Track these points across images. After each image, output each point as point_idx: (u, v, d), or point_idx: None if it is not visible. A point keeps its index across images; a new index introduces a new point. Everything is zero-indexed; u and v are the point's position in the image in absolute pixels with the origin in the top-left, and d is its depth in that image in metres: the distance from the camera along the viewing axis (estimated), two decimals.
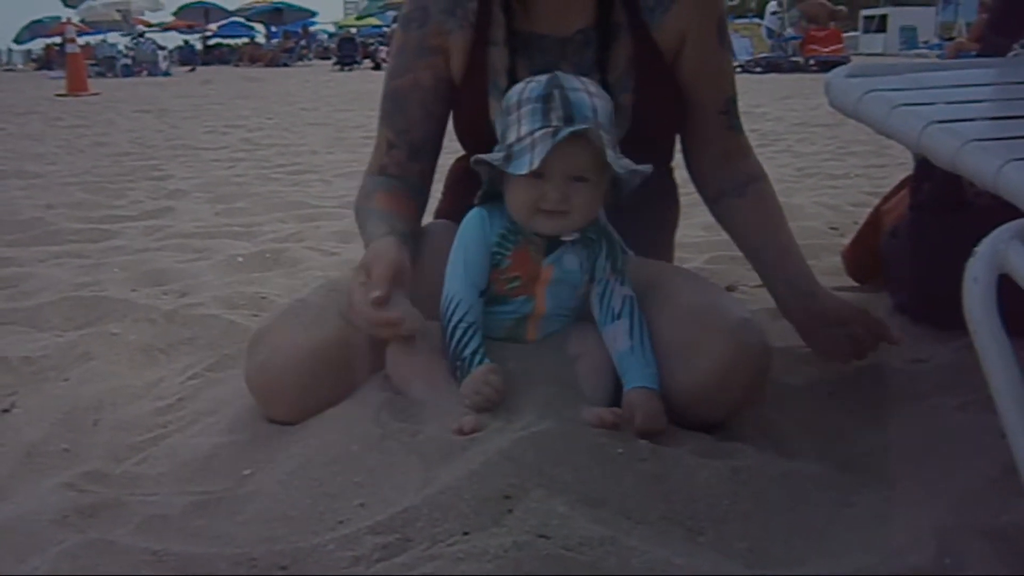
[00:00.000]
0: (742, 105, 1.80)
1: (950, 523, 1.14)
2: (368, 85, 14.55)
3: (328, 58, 31.32)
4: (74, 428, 1.61)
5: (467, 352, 1.39)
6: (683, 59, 1.67)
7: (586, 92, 1.39)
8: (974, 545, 1.08)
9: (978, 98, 1.37)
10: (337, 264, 2.80)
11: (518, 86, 1.44)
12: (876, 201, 2.61)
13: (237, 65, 29.89)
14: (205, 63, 30.40)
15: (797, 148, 5.88)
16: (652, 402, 1.37)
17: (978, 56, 1.97)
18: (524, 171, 1.33)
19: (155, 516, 1.24)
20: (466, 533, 1.07)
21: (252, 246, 3.14)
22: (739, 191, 1.76)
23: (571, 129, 1.32)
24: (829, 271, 2.53)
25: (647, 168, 1.41)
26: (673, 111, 1.71)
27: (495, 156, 1.39)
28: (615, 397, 1.42)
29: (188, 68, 26.61)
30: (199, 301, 2.37)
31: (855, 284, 2.45)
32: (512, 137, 1.38)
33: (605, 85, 1.54)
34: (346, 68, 24.88)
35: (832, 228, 3.22)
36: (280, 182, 4.85)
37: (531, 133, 1.35)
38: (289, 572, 1.06)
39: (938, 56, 18.57)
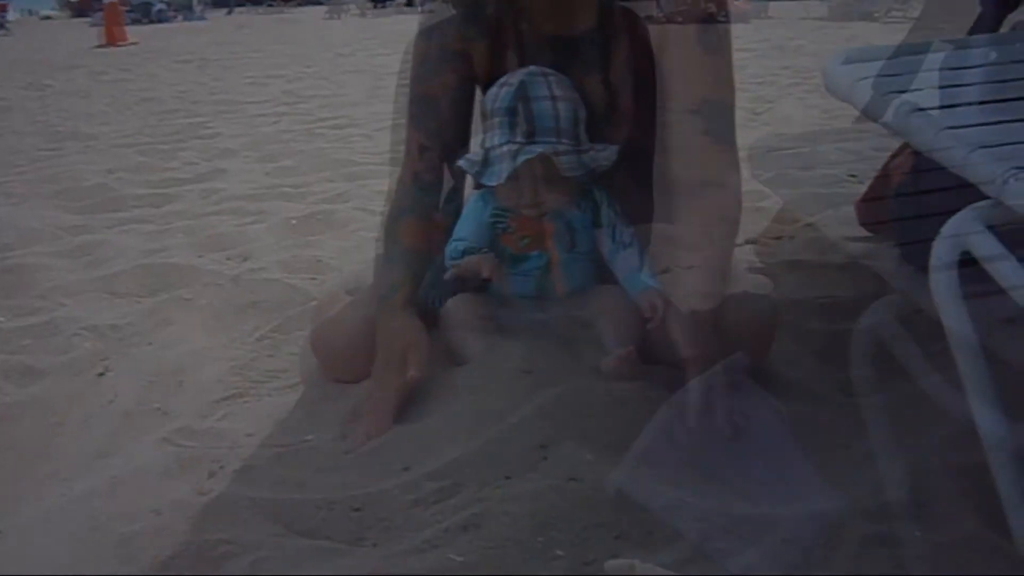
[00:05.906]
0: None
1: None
2: (400, 26, 14.54)
3: None
4: (162, 389, 1.81)
5: (461, 248, 1.62)
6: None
7: (551, 99, 1.59)
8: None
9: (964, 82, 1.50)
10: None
11: (492, 90, 1.64)
12: (895, 146, 2.72)
13: (272, 4, 29.81)
14: (239, 3, 30.33)
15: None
16: (662, 295, 1.54)
17: (972, 30, 2.06)
18: (495, 183, 1.58)
19: (244, 467, 1.45)
20: (508, 477, 1.27)
21: (303, 207, 3.31)
22: (690, 191, 1.58)
23: (527, 156, 1.55)
24: (847, 220, 2.66)
25: (611, 150, 1.62)
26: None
27: (474, 164, 1.62)
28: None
29: (226, 11, 26.59)
30: (261, 266, 2.57)
31: (867, 234, 2.57)
32: (489, 143, 1.61)
33: (608, 84, 1.68)
34: (379, 4, 24.78)
35: (851, 176, 3.32)
36: (324, 138, 5.00)
37: (501, 146, 1.58)
38: (362, 513, 1.26)
39: None
